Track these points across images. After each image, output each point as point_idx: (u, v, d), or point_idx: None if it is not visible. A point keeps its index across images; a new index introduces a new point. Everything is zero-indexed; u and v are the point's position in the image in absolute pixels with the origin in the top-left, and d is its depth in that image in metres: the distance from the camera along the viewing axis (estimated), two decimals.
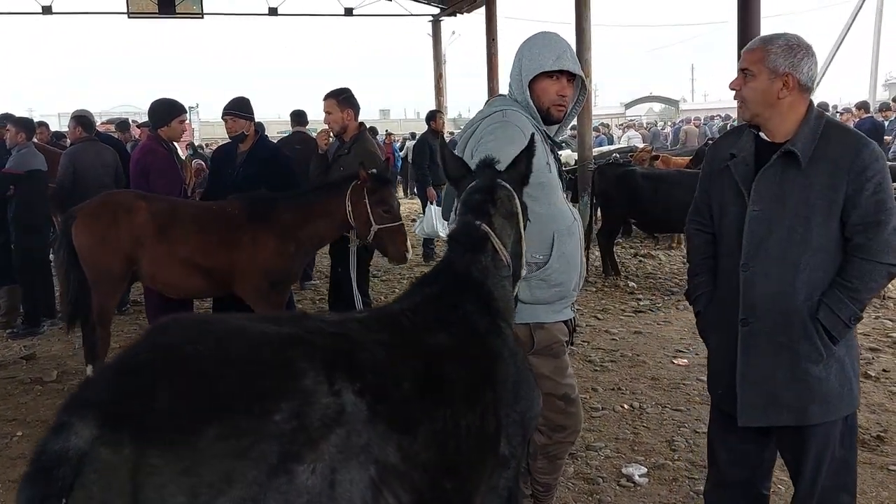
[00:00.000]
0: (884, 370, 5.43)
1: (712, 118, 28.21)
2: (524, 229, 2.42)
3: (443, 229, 10.49)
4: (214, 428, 1.36)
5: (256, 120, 5.82)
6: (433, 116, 11.39)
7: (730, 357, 2.64)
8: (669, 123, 32.11)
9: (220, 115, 5.71)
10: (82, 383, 1.55)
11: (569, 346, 3.09)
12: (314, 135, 7.38)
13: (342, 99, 5.62)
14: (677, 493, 3.83)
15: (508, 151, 2.63)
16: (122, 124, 12.20)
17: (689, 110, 45.20)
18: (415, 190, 15.26)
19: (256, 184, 5.21)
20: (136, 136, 11.34)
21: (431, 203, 10.33)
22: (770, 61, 2.50)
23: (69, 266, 4.89)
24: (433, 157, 10.28)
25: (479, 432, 1.84)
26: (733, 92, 2.65)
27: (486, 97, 13.73)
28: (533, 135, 2.60)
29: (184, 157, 7.99)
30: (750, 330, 2.58)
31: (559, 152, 3.24)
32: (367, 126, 6.54)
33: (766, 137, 2.61)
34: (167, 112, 5.72)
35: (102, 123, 14.64)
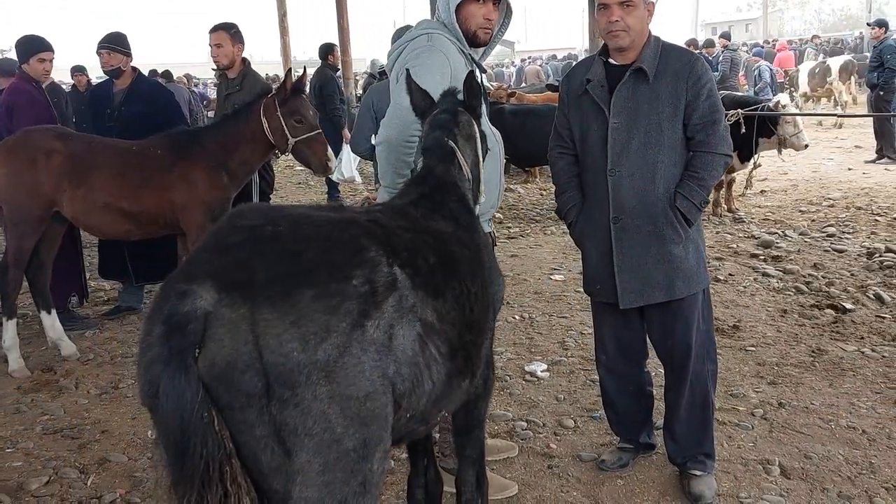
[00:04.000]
0: (730, 274, 6.28)
1: (554, 57, 29.40)
2: (483, 155, 2.71)
3: (358, 174, 10.09)
4: (311, 290, 1.65)
5: None
6: (330, 50, 10.64)
7: (605, 253, 3.11)
8: (511, 64, 33.10)
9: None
10: (188, 261, 1.76)
11: None
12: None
13: (233, 33, 5.53)
14: (575, 382, 4.36)
15: (433, 75, 2.87)
16: None
17: (524, 51, 46.54)
18: None
19: (142, 122, 5.13)
20: None
21: (346, 144, 9.60)
22: None
23: None
24: (341, 94, 9.93)
25: (481, 299, 2.21)
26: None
27: (336, 37, 13.47)
28: (471, 72, 2.74)
29: None
30: (622, 226, 3.05)
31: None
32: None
33: (614, 62, 3.08)
34: (25, 49, 5.52)
35: None
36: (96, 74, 11.84)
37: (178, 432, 1.56)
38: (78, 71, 11.36)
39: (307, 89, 5.06)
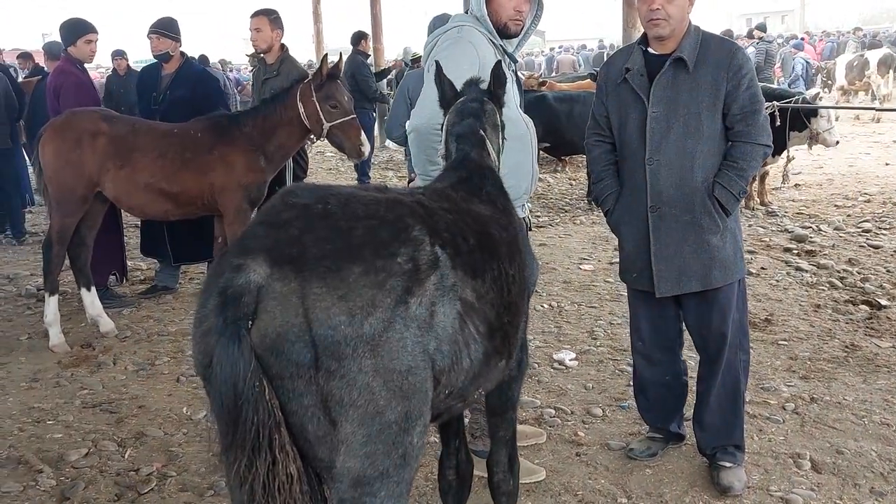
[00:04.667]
0: (762, 268, 6.22)
1: (584, 46, 29.18)
2: (503, 145, 2.76)
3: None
4: (358, 266, 1.71)
5: None
6: (362, 37, 10.85)
7: (642, 242, 3.12)
8: (541, 53, 32.89)
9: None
10: (243, 235, 1.83)
11: None
12: None
13: (273, 18, 5.61)
14: (604, 372, 4.37)
15: (460, 66, 2.92)
16: (24, 54, 12.27)
17: (555, 40, 46.19)
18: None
19: (187, 107, 5.21)
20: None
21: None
22: None
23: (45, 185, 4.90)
24: (373, 79, 10.04)
25: (518, 282, 2.25)
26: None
27: (368, 26, 13.50)
28: (499, 62, 2.78)
29: None
30: (659, 214, 3.06)
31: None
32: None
33: (653, 51, 3.07)
34: (72, 32, 5.63)
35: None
36: (133, 59, 12.08)
37: (232, 400, 1.62)
38: (118, 55, 11.54)
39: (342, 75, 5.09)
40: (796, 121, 7.91)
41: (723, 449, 3.20)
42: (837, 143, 8.27)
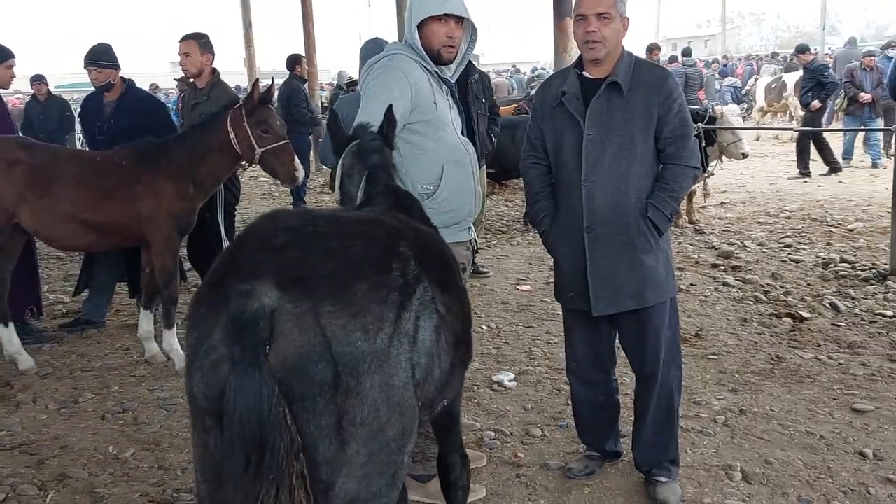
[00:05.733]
0: (692, 284, 6.38)
1: (517, 70, 29.73)
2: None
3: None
4: (363, 282, 1.74)
5: None
6: (297, 61, 10.75)
7: (578, 262, 3.15)
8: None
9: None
10: (241, 262, 1.78)
11: (472, 264, 3.43)
12: None
13: (202, 43, 5.52)
14: (542, 392, 4.39)
15: (391, 93, 2.94)
16: None
17: (489, 64, 46.91)
18: None
19: (133, 135, 5.01)
20: None
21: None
22: (618, 5, 3.02)
23: None
24: (308, 105, 10.02)
25: (467, 297, 2.33)
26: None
27: (302, 48, 13.48)
28: (390, 106, 2.79)
29: None
30: (595, 235, 3.10)
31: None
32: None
33: (588, 75, 3.14)
34: None
35: None
36: (54, 84, 11.73)
37: (256, 428, 1.59)
38: (37, 80, 11.20)
39: (275, 100, 5.04)
40: (706, 136, 8.16)
41: (658, 464, 3.24)
42: (745, 155, 8.49)
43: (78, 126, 7.39)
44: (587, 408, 3.42)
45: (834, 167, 12.15)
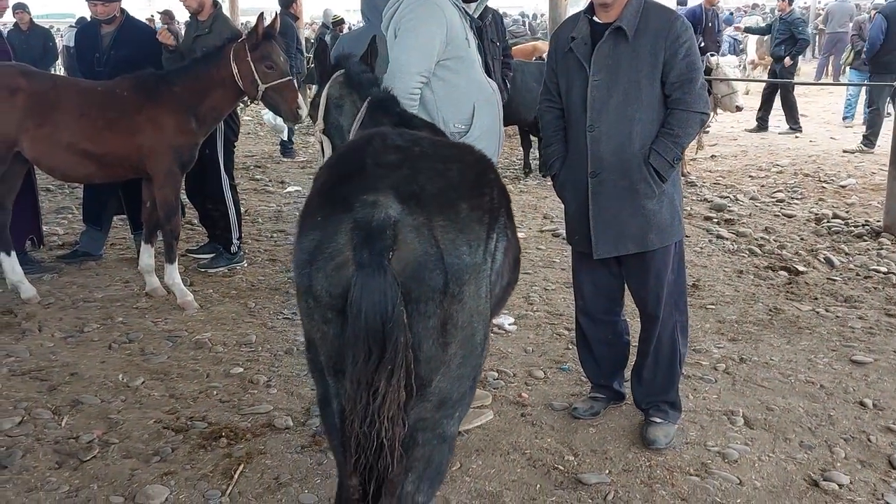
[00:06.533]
0: (686, 236, 6.36)
1: (523, 14, 29.45)
2: None
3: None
4: (465, 202, 1.93)
5: None
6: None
7: (583, 206, 3.21)
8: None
9: None
10: (359, 174, 1.95)
11: None
12: None
13: None
14: (542, 336, 4.47)
15: (428, 28, 2.91)
16: None
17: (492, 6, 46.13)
18: None
19: (133, 67, 4.90)
20: None
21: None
22: None
23: None
24: (298, 43, 9.80)
25: None
26: None
27: None
28: (374, 37, 2.86)
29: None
30: (599, 180, 3.14)
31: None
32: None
33: (598, 20, 3.13)
34: None
35: None
36: (37, 13, 11.31)
37: (380, 325, 1.74)
38: (19, 8, 10.82)
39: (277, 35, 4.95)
40: None
41: (656, 405, 3.34)
42: (739, 108, 8.52)
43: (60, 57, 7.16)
44: (594, 343, 3.50)
45: (795, 128, 12.03)
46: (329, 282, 1.84)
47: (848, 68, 12.92)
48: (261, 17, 4.84)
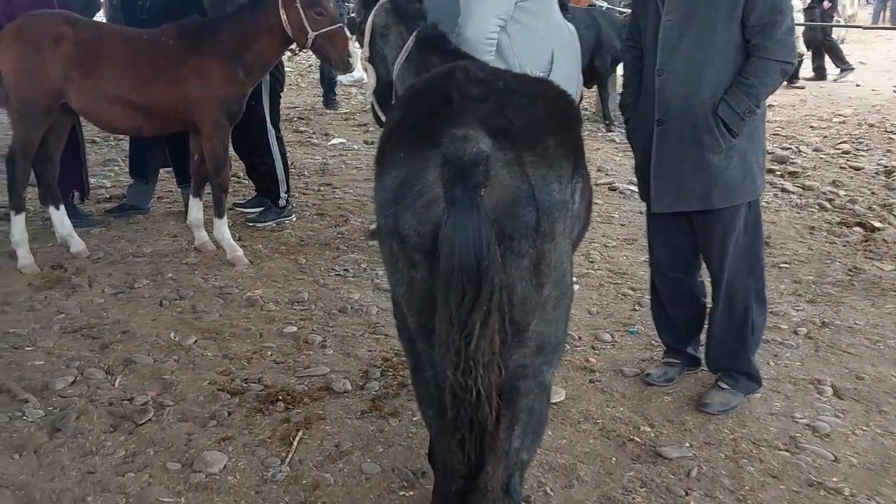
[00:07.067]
0: None
1: None
2: None
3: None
4: (552, 138, 1.82)
5: None
6: None
7: (647, 156, 3.02)
8: None
9: None
10: (447, 106, 1.84)
11: None
12: None
13: None
14: (606, 297, 4.27)
15: None
16: None
17: None
18: None
19: (177, 15, 4.73)
20: None
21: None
22: None
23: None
24: None
25: None
26: None
27: None
28: None
29: None
30: (664, 129, 2.94)
31: None
32: None
33: None
34: None
35: None
36: None
37: (475, 263, 1.64)
38: None
39: None
40: None
41: (727, 372, 3.15)
42: (800, 54, 8.22)
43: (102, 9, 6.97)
44: (669, 303, 3.31)
45: (846, 69, 11.96)
46: (417, 220, 1.73)
47: None
48: None
